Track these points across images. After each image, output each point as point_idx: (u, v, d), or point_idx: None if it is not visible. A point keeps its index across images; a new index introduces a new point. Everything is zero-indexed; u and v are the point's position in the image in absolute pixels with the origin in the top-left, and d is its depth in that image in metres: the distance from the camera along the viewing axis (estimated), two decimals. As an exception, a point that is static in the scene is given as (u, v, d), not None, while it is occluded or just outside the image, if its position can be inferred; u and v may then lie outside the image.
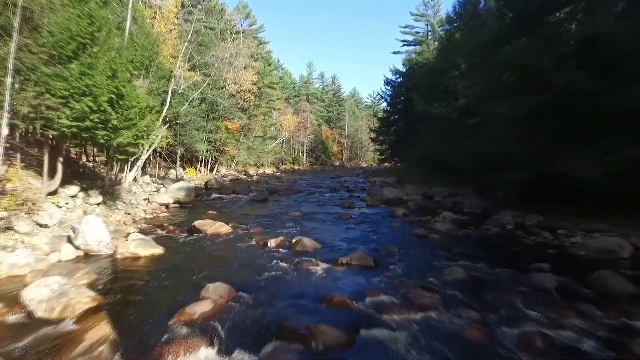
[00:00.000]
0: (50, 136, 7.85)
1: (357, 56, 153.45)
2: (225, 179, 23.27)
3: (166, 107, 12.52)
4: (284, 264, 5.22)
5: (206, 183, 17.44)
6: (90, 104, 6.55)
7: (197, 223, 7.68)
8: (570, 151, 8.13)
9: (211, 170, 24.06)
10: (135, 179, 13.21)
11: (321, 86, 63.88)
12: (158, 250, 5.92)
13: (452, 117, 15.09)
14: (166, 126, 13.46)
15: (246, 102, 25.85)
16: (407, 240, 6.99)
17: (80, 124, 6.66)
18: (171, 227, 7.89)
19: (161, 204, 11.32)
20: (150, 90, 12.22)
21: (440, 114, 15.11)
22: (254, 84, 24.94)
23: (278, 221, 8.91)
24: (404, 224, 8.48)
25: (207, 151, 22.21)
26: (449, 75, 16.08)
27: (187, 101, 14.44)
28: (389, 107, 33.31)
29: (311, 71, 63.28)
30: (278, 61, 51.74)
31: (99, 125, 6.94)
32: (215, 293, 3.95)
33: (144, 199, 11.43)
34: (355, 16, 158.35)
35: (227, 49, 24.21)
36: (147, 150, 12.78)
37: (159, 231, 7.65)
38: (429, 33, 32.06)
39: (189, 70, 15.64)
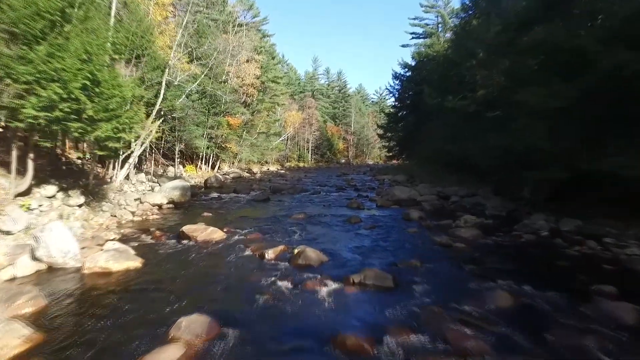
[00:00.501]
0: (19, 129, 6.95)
1: (363, 52, 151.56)
2: (227, 176, 22.41)
3: (160, 99, 11.61)
4: (284, 284, 4.25)
5: (206, 181, 16.55)
6: (60, 90, 5.63)
7: (186, 228, 6.75)
8: (615, 146, 7.05)
9: (213, 167, 23.20)
10: (127, 177, 12.35)
11: (327, 82, 62.74)
12: (134, 263, 4.99)
13: (467, 110, 13.95)
14: (160, 120, 12.56)
15: (249, 97, 24.91)
16: (429, 250, 5.98)
17: (48, 114, 5.75)
18: (157, 233, 6.97)
19: (153, 205, 10.44)
20: (142, 80, 11.32)
21: (455, 107, 14.00)
22: (257, 78, 23.96)
23: (279, 225, 7.95)
24: (422, 230, 7.46)
25: (208, 148, 21.33)
26: (464, 66, 14.93)
27: (184, 94, 13.50)
28: (397, 103, 32.13)
29: (316, 66, 62.14)
30: (283, 57, 50.77)
31: (72, 116, 6.02)
32: (189, 331, 3.00)
33: (135, 199, 10.54)
34: (361, 10, 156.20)
35: (230, 41, 23.28)
36: (141, 146, 11.91)
37: (144, 237, 6.73)
38: (440, 25, 30.74)
39: (187, 62, 14.71)
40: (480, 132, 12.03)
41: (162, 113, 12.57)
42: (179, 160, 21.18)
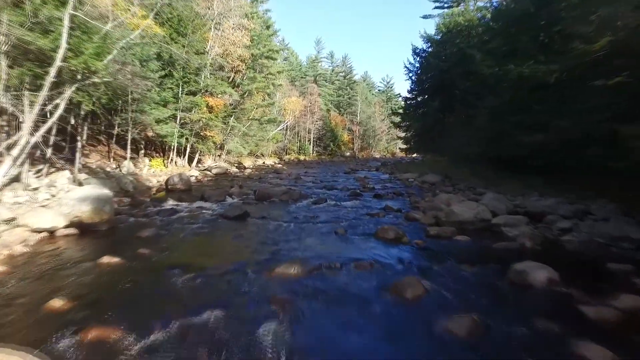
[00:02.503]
0: None
1: (368, 38, 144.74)
2: (208, 172, 17.81)
3: (62, 51, 6.88)
4: None
5: (167, 182, 11.94)
6: None
7: None
8: None
9: (190, 161, 18.55)
10: (18, 179, 7.73)
11: (330, 67, 57.54)
12: None
13: (547, 80, 9.23)
14: (73, 87, 7.83)
15: (237, 73, 20.09)
16: None
17: None
18: None
19: (38, 231, 5.89)
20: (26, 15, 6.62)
21: (531, 74, 9.22)
22: (247, 48, 19.10)
23: (236, 313, 3.32)
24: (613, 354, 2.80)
25: (181, 136, 16.64)
26: (543, 17, 10.11)
27: (117, 48, 8.65)
28: (414, 86, 27.15)
29: (319, 49, 56.86)
30: (283, 41, 45.68)
31: None
32: None
33: (7, 221, 6.01)
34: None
35: (214, 6, 18.44)
36: (33, 131, 7.25)
37: None
38: (469, -9, 25.61)
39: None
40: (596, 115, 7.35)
41: (79, 77, 7.86)
42: (143, 152, 16.57)
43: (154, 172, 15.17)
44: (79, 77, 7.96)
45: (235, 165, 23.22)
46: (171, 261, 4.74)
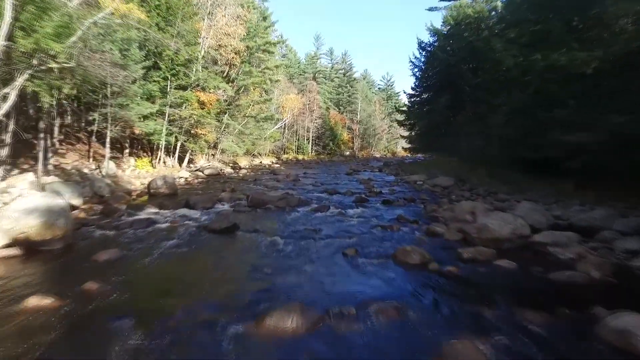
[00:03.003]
0: None
1: (368, 36, 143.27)
2: (200, 173, 16.51)
3: (5, 27, 5.59)
4: None
5: (149, 185, 10.66)
6: None
7: None
8: None
9: (180, 161, 17.24)
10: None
11: (330, 64, 56.18)
12: None
13: (583, 70, 8.00)
14: (25, 75, 6.51)
15: (232, 66, 18.77)
16: None
17: None
18: None
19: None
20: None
21: (568, 63, 7.99)
22: (241, 40, 17.78)
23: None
24: None
25: (170, 134, 15.33)
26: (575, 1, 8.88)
27: (98, 34, 7.42)
28: (419, 82, 25.88)
29: (319, 45, 55.47)
30: (282, 36, 44.25)
31: None
32: None
33: None
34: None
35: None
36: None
37: None
38: (477, -17, 24.35)
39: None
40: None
41: (35, 62, 6.54)
42: (128, 151, 15.24)
43: (138, 173, 13.88)
44: (35, 62, 6.63)
45: (230, 165, 21.95)
46: (123, 304, 3.46)
